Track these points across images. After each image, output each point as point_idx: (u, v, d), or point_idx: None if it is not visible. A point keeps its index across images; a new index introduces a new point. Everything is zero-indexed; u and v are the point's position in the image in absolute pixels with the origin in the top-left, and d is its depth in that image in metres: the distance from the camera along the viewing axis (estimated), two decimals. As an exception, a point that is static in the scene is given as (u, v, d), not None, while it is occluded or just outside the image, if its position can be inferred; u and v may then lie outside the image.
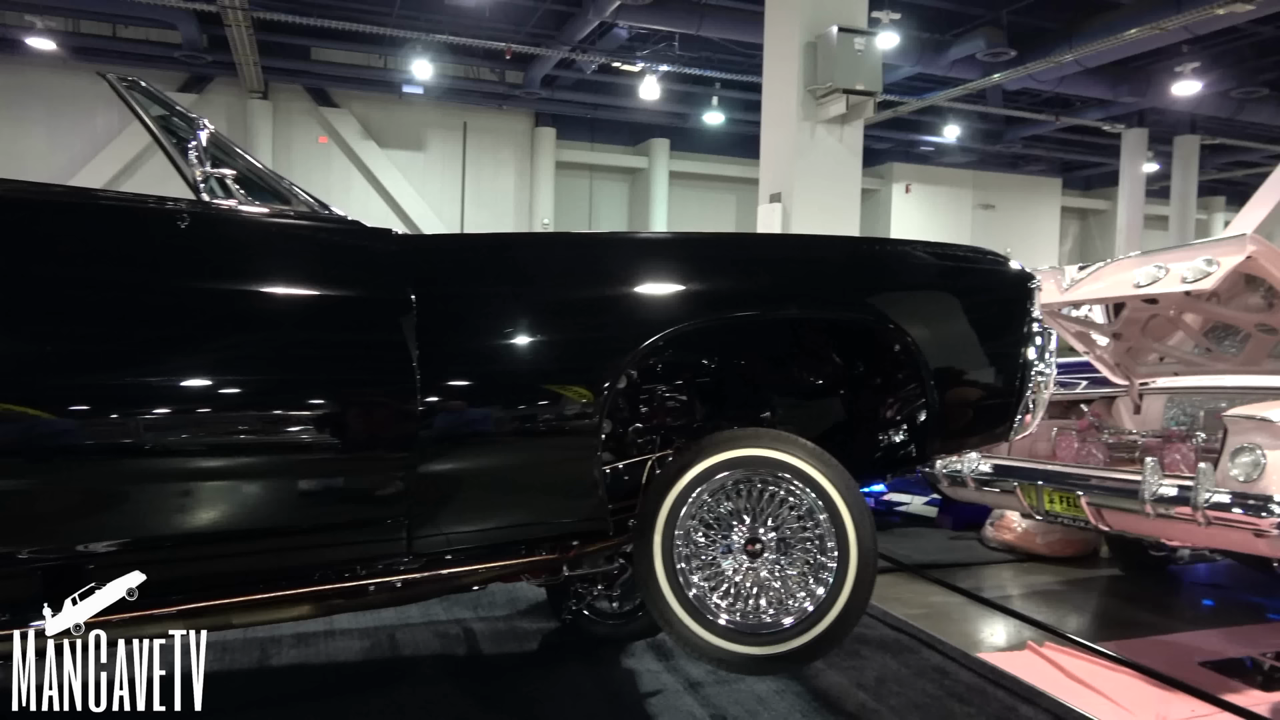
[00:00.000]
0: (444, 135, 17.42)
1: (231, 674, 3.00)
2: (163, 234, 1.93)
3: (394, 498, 1.98)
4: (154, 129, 2.01)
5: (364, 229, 2.12)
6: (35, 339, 1.81)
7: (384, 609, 3.45)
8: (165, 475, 1.85)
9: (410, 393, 1.93)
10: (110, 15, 13.76)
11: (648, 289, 2.24)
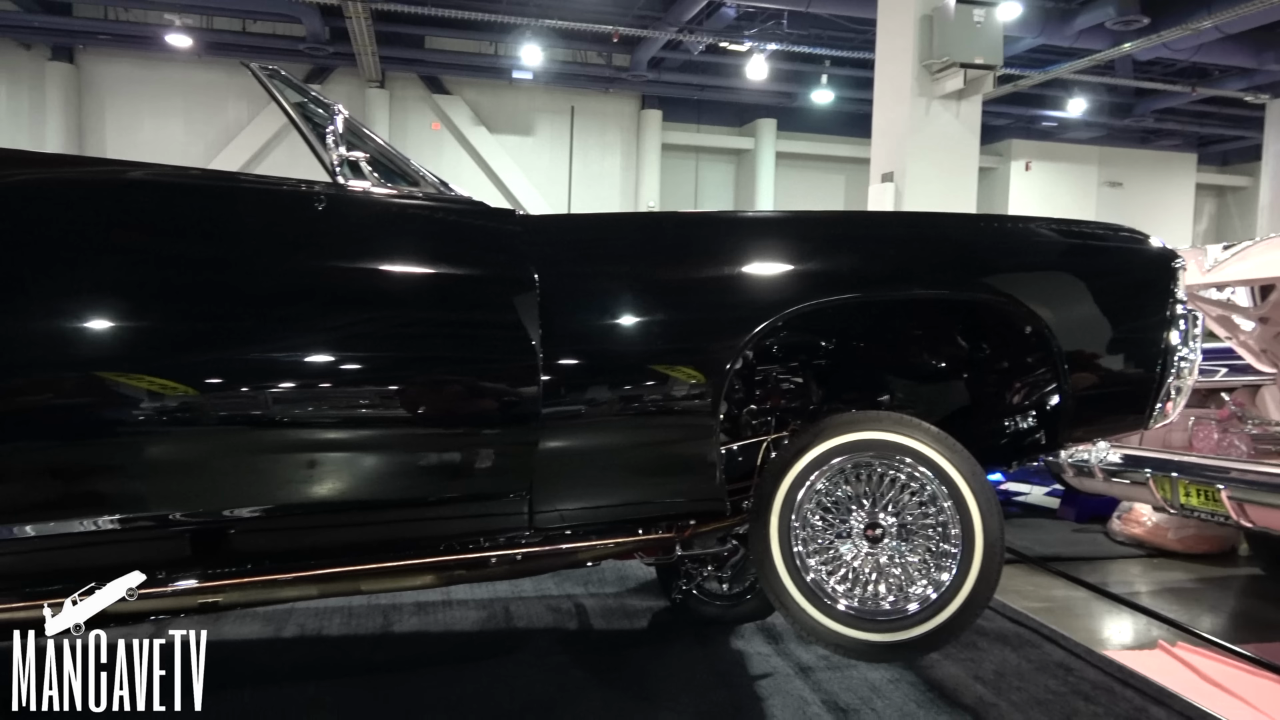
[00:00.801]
0: (551, 119, 17.63)
1: (358, 639, 3.14)
2: (302, 215, 2.02)
3: (516, 473, 2.02)
4: (292, 115, 2.10)
5: (489, 209, 2.16)
6: (185, 317, 1.91)
7: (500, 581, 3.55)
8: (304, 447, 1.95)
9: (532, 371, 1.97)
10: (241, 11, 14.44)
11: (768, 269, 2.21)
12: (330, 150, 2.04)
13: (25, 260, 1.83)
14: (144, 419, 1.83)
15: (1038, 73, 14.49)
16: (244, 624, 3.19)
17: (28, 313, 1.79)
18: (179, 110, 15.97)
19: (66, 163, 2.11)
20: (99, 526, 1.92)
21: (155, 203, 2.01)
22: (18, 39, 15.23)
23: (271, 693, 2.73)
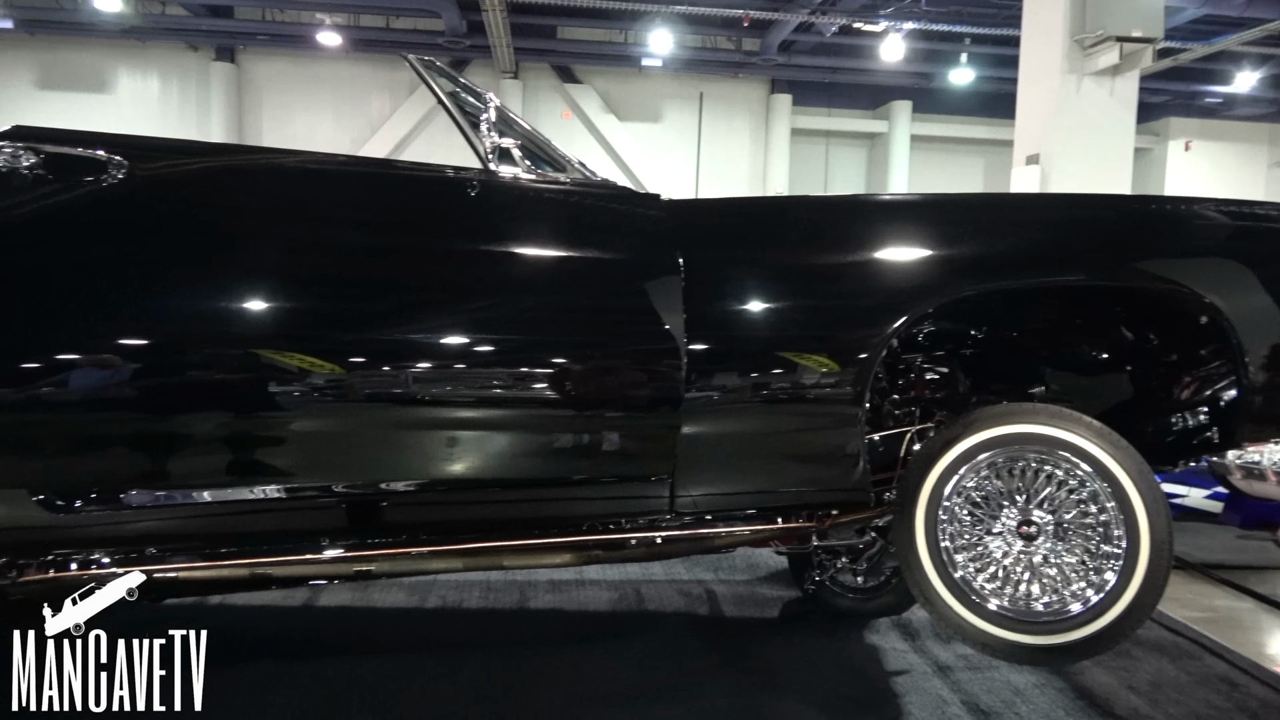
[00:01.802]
0: (680, 106, 17.63)
1: (495, 613, 3.25)
2: (456, 201, 2.09)
3: (659, 456, 2.04)
4: (447, 103, 2.17)
5: (634, 194, 2.18)
6: (349, 299, 2.01)
7: (632, 563, 3.60)
8: (455, 426, 2.02)
9: (676, 356, 1.98)
10: (385, 8, 15.09)
11: (919, 254, 2.14)
12: (484, 137, 2.10)
13: (207, 243, 1.96)
14: (310, 396, 1.93)
15: (1201, 45, 13.46)
16: (390, 593, 3.35)
17: (202, 292, 1.91)
18: (328, 104, 16.82)
19: (238, 152, 2.24)
20: (267, 495, 2.04)
21: (321, 188, 2.13)
22: (187, 41, 16.38)
23: (415, 659, 2.85)
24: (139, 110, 16.41)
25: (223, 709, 2.46)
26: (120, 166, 1.86)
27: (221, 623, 3.09)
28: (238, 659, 2.79)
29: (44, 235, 1.89)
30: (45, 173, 1.82)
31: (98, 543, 2.01)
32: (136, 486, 1.93)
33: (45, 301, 1.84)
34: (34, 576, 2.01)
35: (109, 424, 1.85)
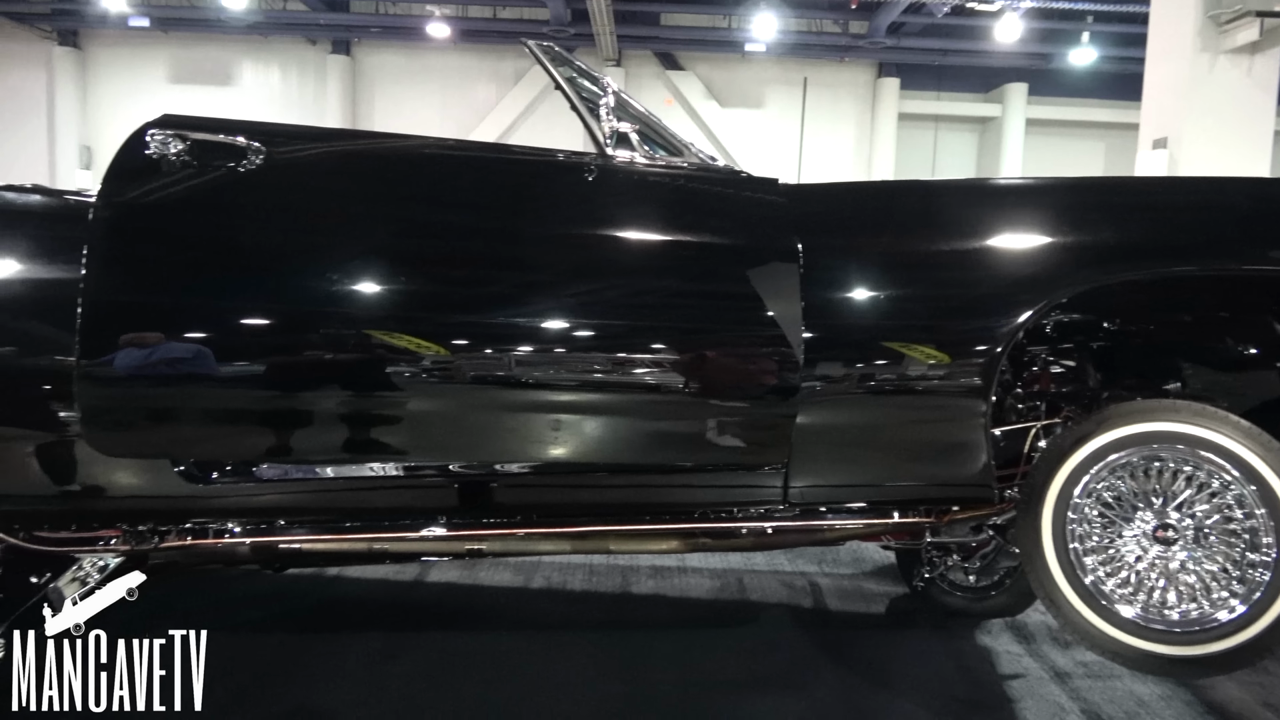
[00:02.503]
0: (783, 92, 17.38)
1: (598, 595, 3.28)
2: (574, 185, 2.10)
3: (774, 446, 2.01)
4: (565, 88, 2.18)
5: (753, 179, 2.15)
6: (467, 282, 2.04)
7: (734, 553, 3.58)
8: (569, 410, 2.03)
9: (795, 343, 1.94)
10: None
11: (1051, 241, 2.05)
12: (602, 122, 2.10)
13: (337, 225, 2.02)
14: (428, 378, 1.98)
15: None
16: (496, 572, 3.42)
17: (333, 272, 1.97)
18: (435, 94, 17.25)
19: (364, 137, 2.31)
20: (386, 473, 2.10)
21: (446, 172, 2.17)
22: (306, 36, 17.04)
23: (524, 637, 2.91)
24: (261, 103, 17.18)
25: (339, 678, 2.57)
26: (259, 152, 1.94)
27: (337, 594, 3.24)
28: (351, 630, 2.91)
29: (190, 216, 1.98)
30: (191, 158, 1.92)
31: (231, 513, 2.11)
32: (268, 461, 2.02)
33: (190, 280, 1.94)
34: (174, 543, 2.12)
35: (245, 400, 1.93)
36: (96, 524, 2.10)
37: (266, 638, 2.83)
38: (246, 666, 2.63)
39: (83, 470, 1.95)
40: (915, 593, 3.16)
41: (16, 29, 16.27)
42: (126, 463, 1.95)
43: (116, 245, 1.89)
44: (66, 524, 2.10)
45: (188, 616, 2.94)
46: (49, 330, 1.89)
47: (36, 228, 2.08)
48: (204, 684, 2.07)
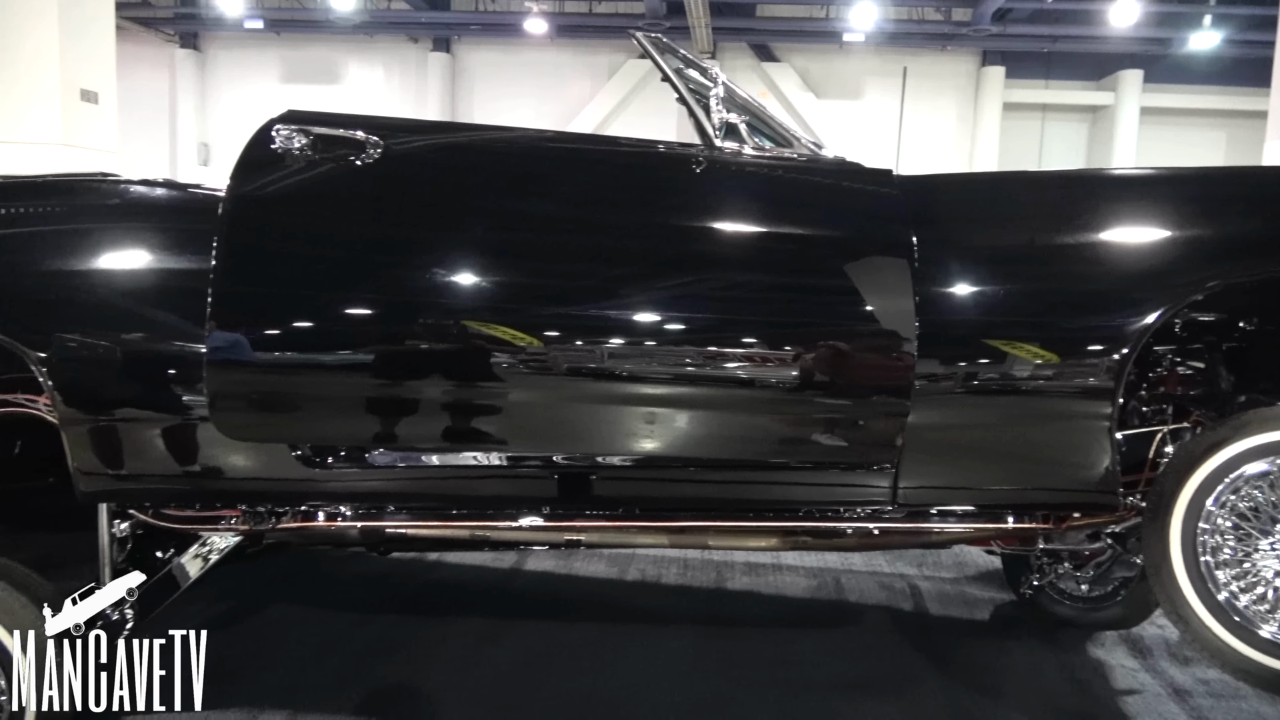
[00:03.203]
0: (881, 83, 17.01)
1: (692, 590, 3.27)
2: (682, 177, 2.08)
3: (885, 445, 1.95)
4: (674, 79, 2.16)
5: (865, 170, 2.10)
6: (572, 275, 2.04)
7: (831, 552, 3.52)
8: (673, 404, 2.01)
9: (908, 339, 1.88)
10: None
11: (1185, 235, 1.93)
12: (711, 113, 2.08)
13: (452, 216, 2.05)
14: (534, 368, 1.99)
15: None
16: (591, 563, 3.45)
17: (448, 263, 2.00)
18: (532, 90, 17.49)
19: (476, 130, 2.35)
20: (490, 461, 2.14)
21: (556, 164, 2.18)
22: (408, 34, 17.51)
23: (619, 629, 2.92)
24: (364, 100, 17.72)
25: (440, 661, 2.63)
26: (376, 145, 1.99)
27: (437, 579, 3.32)
28: (452, 614, 2.98)
29: (312, 208, 2.05)
30: (313, 152, 1.98)
31: (343, 497, 2.17)
32: (378, 447, 2.07)
33: (312, 270, 2.00)
34: (288, 524, 2.20)
35: (360, 388, 1.98)
36: (219, 504, 2.20)
37: (370, 618, 2.92)
38: (351, 646, 2.72)
39: (207, 453, 2.04)
40: (1022, 600, 3.05)
41: (143, 33, 17.19)
42: (247, 447, 2.03)
43: (244, 237, 1.96)
44: (191, 503, 2.20)
45: (295, 595, 3.09)
46: (180, 318, 1.97)
47: (169, 220, 2.18)
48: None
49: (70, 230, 2.10)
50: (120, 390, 2.01)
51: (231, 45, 18.17)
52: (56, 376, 1.96)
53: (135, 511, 2.21)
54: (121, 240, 2.07)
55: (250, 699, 2.38)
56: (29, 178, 2.38)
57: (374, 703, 2.41)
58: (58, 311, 2.01)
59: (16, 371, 2.22)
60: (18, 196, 2.28)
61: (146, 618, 2.28)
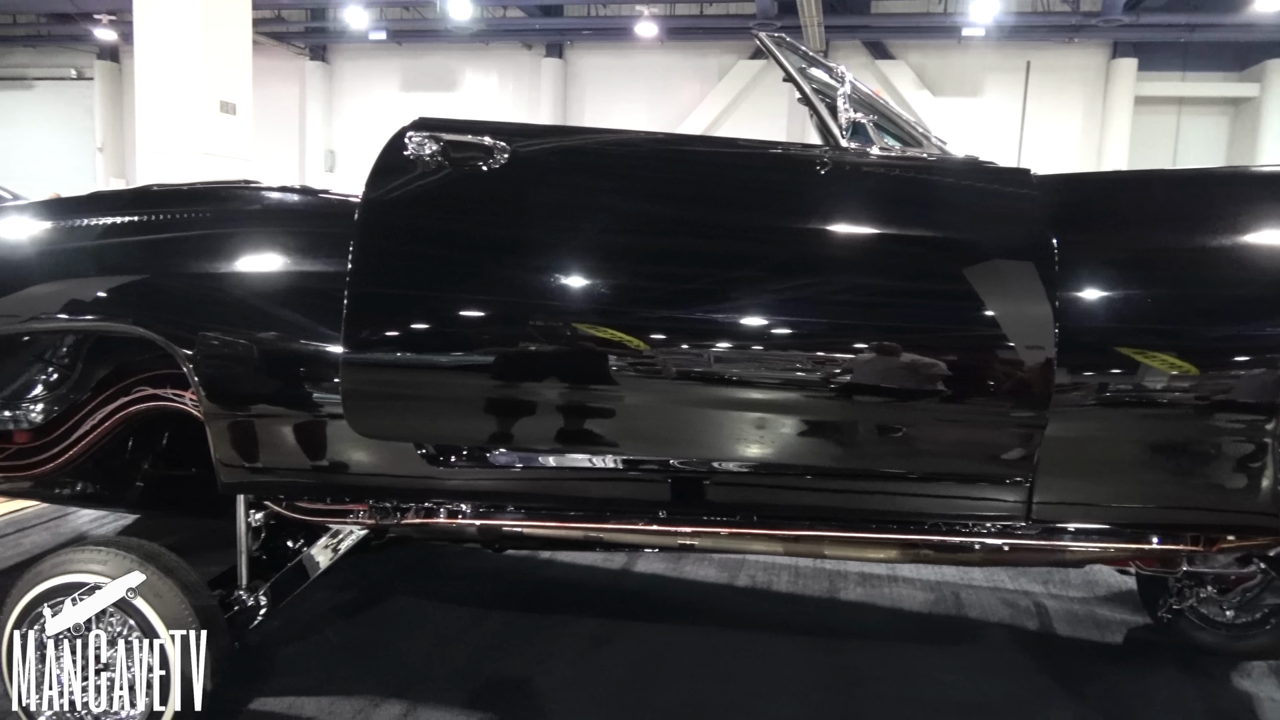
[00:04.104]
0: (1002, 79, 16.38)
1: (804, 599, 3.22)
2: (807, 179, 2.04)
3: (1020, 458, 1.86)
4: (797, 78, 2.12)
5: (1002, 170, 2.01)
6: (694, 277, 2.02)
7: (951, 566, 3.40)
8: (796, 410, 1.96)
9: (1047, 347, 1.79)
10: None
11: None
12: (840, 113, 2.03)
13: (578, 219, 2.07)
14: (654, 373, 1.97)
15: None
16: (701, 567, 3.43)
17: (575, 265, 2.00)
18: (642, 94, 17.61)
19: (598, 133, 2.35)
20: (607, 464, 2.14)
21: (678, 167, 2.17)
22: (522, 41, 17.89)
23: (731, 635, 2.90)
24: (479, 106, 18.21)
25: (553, 659, 2.66)
26: (504, 150, 2.03)
27: (550, 576, 3.36)
28: (565, 613, 3.01)
29: (443, 213, 2.10)
30: (444, 158, 2.03)
31: (463, 495, 2.22)
32: (500, 447, 2.11)
33: (444, 274, 2.04)
34: (412, 520, 2.27)
35: (486, 390, 2.01)
36: (347, 498, 2.28)
37: (486, 614, 2.98)
38: (468, 640, 2.78)
39: (338, 449, 2.12)
40: (1159, 624, 2.87)
41: (276, 47, 18.11)
42: (376, 444, 2.09)
43: (378, 240, 2.03)
44: (322, 497, 2.29)
45: (415, 588, 3.18)
46: (316, 319, 2.05)
47: (307, 225, 2.28)
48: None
49: (216, 234, 2.22)
50: (259, 387, 2.11)
51: (356, 56, 18.96)
52: (201, 373, 2.07)
53: (270, 503, 2.32)
54: (263, 244, 2.17)
55: (371, 688, 2.46)
56: (179, 185, 2.53)
57: (490, 698, 2.45)
58: (203, 311, 2.12)
59: (166, 368, 2.37)
60: (169, 203, 2.43)
61: (278, 605, 2.39)
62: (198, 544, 2.69)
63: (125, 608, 2.04)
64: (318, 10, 17.26)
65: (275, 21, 17.41)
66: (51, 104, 21.51)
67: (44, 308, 2.20)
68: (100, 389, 2.47)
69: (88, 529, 3.68)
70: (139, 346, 2.34)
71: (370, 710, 2.36)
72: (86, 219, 2.34)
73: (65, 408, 2.49)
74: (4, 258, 2.32)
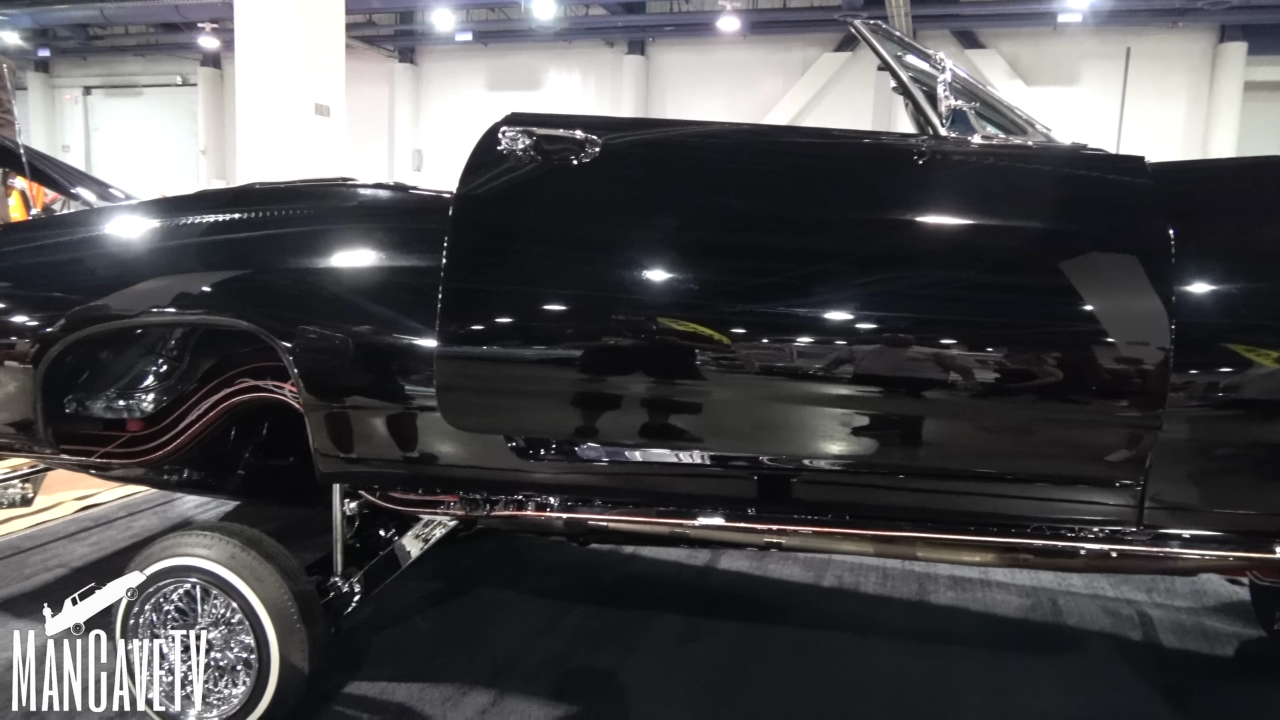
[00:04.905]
0: (1100, 66, 15.72)
1: (892, 601, 3.14)
2: (905, 169, 1.97)
3: (1132, 460, 1.77)
4: (894, 66, 2.06)
5: (1114, 157, 1.92)
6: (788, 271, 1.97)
7: (1047, 571, 3.28)
8: (892, 408, 1.91)
9: (1163, 345, 1.70)
10: (782, -12, 15.32)
11: None
12: (940, 101, 1.97)
13: (670, 212, 2.04)
14: (745, 368, 1.93)
15: None
16: (786, 566, 3.39)
17: (668, 258, 1.99)
18: (723, 89, 17.50)
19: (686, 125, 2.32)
20: (693, 460, 2.12)
21: (772, 158, 2.14)
22: (604, 39, 17.98)
23: (817, 635, 2.85)
24: (562, 105, 18.36)
25: (641, 654, 2.66)
26: (595, 144, 2.03)
27: (634, 571, 3.37)
28: (649, 607, 3.00)
29: (537, 207, 2.10)
30: (536, 152, 2.04)
31: (551, 488, 2.24)
32: (588, 441, 2.11)
33: (537, 268, 2.04)
34: (501, 512, 2.29)
35: (576, 384, 2.01)
36: (438, 489, 2.32)
37: (571, 606, 3.00)
38: (554, 633, 2.81)
39: (431, 442, 2.15)
40: (1276, 638, 2.71)
41: (366, 50, 18.62)
42: (468, 437, 2.12)
43: (473, 236, 2.05)
44: (414, 488, 2.33)
45: (501, 579, 3.22)
46: (411, 313, 2.09)
47: (403, 221, 2.32)
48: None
49: (315, 231, 2.28)
50: (355, 379, 2.15)
51: (443, 57, 19.35)
52: (301, 365, 2.13)
53: (364, 493, 2.37)
54: (360, 240, 2.22)
55: (459, 676, 2.50)
56: (280, 184, 2.61)
57: (576, 691, 2.46)
58: (303, 305, 2.18)
59: (267, 360, 2.44)
60: (270, 201, 2.51)
61: (370, 592, 2.45)
62: (291, 532, 2.78)
63: (229, 591, 2.11)
64: (406, 13, 17.69)
65: (366, 25, 17.89)
66: (159, 109, 22.61)
67: (155, 302, 2.30)
68: (206, 380, 2.57)
69: (192, 514, 3.85)
70: (242, 339, 2.43)
71: (458, 698, 2.40)
72: (194, 217, 2.44)
73: (174, 398, 2.60)
74: (119, 255, 2.43)
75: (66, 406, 2.54)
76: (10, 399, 2.42)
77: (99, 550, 3.40)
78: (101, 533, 3.59)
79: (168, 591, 2.17)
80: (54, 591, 3.01)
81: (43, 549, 3.40)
